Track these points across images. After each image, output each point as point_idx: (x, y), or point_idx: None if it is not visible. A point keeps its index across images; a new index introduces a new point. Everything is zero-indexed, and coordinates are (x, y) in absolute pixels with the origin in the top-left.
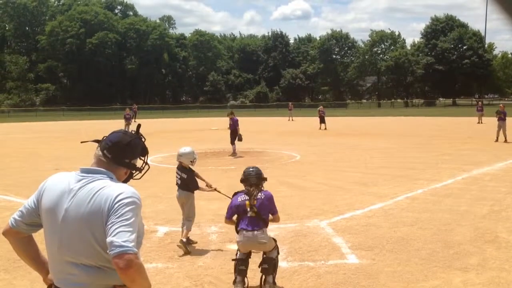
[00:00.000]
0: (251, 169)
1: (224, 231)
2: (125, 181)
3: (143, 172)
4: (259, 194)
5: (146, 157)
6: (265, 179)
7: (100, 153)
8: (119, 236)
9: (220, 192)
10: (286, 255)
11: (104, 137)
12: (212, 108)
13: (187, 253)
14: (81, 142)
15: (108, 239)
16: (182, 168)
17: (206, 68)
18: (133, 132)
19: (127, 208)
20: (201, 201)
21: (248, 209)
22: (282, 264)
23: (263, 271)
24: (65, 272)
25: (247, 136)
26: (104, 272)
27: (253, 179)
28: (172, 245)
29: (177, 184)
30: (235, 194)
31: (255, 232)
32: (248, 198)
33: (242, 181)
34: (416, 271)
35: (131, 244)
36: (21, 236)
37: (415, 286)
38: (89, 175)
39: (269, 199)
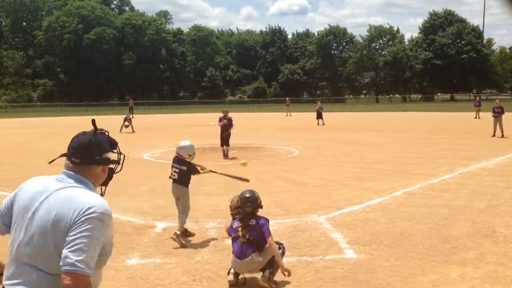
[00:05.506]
0: (247, 196)
1: (222, 226)
2: (108, 178)
3: (121, 163)
4: (251, 220)
5: (117, 148)
6: (261, 207)
7: (68, 161)
8: (76, 253)
9: (216, 173)
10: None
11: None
12: (210, 103)
13: (182, 246)
14: (49, 163)
15: (64, 252)
16: (180, 160)
17: (204, 63)
18: (92, 131)
19: (93, 225)
20: (199, 196)
21: (241, 235)
22: None
23: None
24: (18, 273)
25: (245, 132)
26: (57, 280)
27: (248, 208)
28: (170, 241)
29: (171, 178)
30: (234, 218)
31: (245, 259)
32: (241, 225)
33: (238, 207)
34: (413, 266)
35: (85, 265)
36: None
37: (412, 281)
38: (69, 179)
39: (262, 224)
